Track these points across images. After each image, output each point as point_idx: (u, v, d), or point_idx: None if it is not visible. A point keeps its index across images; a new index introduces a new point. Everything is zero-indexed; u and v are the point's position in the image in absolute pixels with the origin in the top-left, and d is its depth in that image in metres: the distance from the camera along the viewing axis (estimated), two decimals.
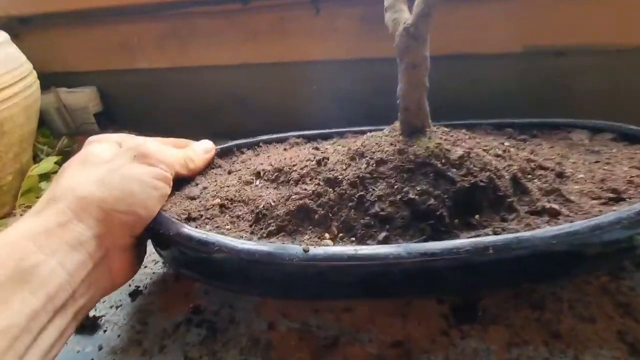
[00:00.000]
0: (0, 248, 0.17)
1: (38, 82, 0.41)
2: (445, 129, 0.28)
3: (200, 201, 0.27)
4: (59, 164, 0.45)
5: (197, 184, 0.29)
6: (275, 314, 0.26)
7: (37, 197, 0.39)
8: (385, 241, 0.22)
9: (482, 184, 0.23)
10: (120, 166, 0.23)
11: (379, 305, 0.27)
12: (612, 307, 0.25)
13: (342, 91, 0.51)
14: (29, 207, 0.39)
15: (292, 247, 0.21)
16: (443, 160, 0.23)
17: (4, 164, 0.36)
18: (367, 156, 0.25)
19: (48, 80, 0.62)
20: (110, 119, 0.62)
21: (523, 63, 0.45)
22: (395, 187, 0.23)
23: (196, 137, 0.59)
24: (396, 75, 0.26)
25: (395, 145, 0.25)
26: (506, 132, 0.34)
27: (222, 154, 0.34)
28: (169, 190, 0.25)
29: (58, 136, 0.54)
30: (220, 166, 0.32)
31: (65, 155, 0.49)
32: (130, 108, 0.63)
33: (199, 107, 0.60)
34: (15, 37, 0.59)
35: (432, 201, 0.22)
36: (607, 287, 0.27)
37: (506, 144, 0.31)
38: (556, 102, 0.45)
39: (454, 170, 0.23)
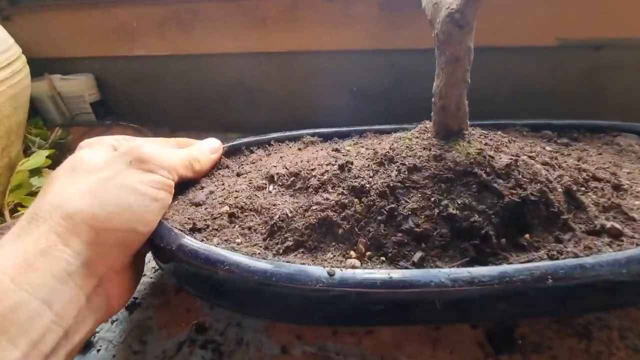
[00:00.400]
0: None
1: (28, 68, 0.38)
2: (483, 131, 0.25)
3: (207, 208, 0.24)
4: (52, 157, 0.42)
5: (202, 188, 0.26)
6: (289, 336, 0.24)
7: (27, 195, 0.36)
8: (421, 263, 0.19)
9: (533, 198, 0.20)
10: (115, 174, 0.20)
11: (405, 328, 0.24)
12: None
13: (357, 84, 0.47)
14: (19, 204, 0.36)
15: (314, 270, 0.18)
16: (487, 170, 0.20)
17: None
18: (397, 161, 0.22)
19: (41, 66, 0.58)
20: (108, 109, 0.59)
21: (556, 57, 0.42)
22: (432, 199, 0.20)
23: (199, 130, 0.56)
24: (418, 68, 0.22)
25: (430, 150, 0.22)
26: (544, 134, 0.31)
27: (230, 152, 0.30)
28: (170, 198, 0.22)
29: (52, 126, 0.51)
30: (227, 167, 0.29)
31: (59, 147, 0.46)
32: (129, 97, 0.59)
33: (202, 98, 0.56)
34: (6, 19, 0.56)
35: (476, 217, 0.19)
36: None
37: (548, 148, 0.28)
38: (592, 101, 0.42)
39: (501, 181, 0.20)
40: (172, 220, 0.22)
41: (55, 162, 0.44)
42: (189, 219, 0.22)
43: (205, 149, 0.27)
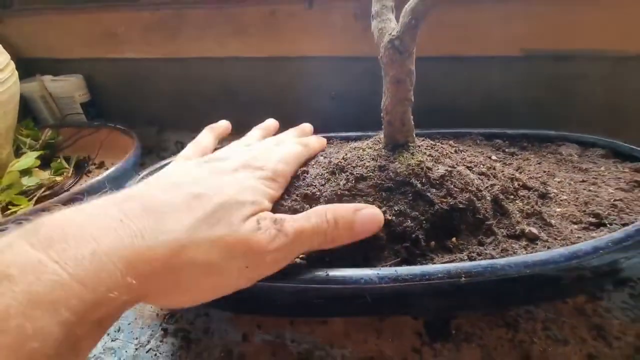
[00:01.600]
0: None
1: (17, 74, 0.40)
2: (431, 142, 0.27)
3: None
4: (42, 157, 0.45)
5: None
6: (251, 325, 0.26)
7: (18, 194, 0.39)
8: (359, 263, 0.22)
9: (461, 206, 0.22)
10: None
11: (355, 319, 0.27)
12: (586, 329, 0.25)
13: (336, 90, 0.50)
14: (10, 203, 0.38)
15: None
16: (423, 180, 0.23)
17: None
18: (347, 171, 0.24)
19: (32, 67, 0.60)
20: (98, 109, 0.61)
21: (522, 67, 0.44)
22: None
23: (186, 130, 0.59)
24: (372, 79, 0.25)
25: (377, 161, 0.24)
26: (496, 143, 0.34)
27: None
28: None
29: (43, 126, 0.53)
30: None
31: (49, 147, 0.48)
32: (118, 98, 0.61)
33: (189, 99, 0.58)
34: None
35: (408, 223, 0.22)
36: (583, 308, 0.27)
37: (493, 157, 0.30)
38: (556, 108, 0.44)
39: (434, 190, 0.23)
40: None
41: (45, 162, 0.46)
42: None
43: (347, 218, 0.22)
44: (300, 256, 0.22)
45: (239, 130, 0.38)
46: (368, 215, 0.21)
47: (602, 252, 0.20)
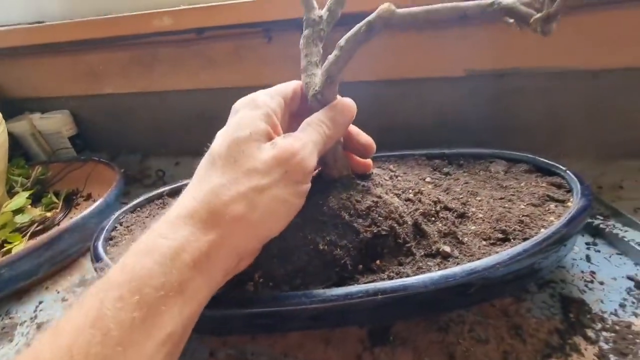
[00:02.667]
0: (165, 264, 0.19)
1: (4, 125, 0.43)
2: (366, 174, 0.31)
3: None
4: (33, 194, 0.49)
5: (146, 228, 0.32)
6: (217, 342, 0.30)
7: (12, 232, 0.43)
8: (300, 286, 0.25)
9: (383, 232, 0.26)
10: (271, 184, 0.22)
11: (309, 332, 0.30)
12: (506, 329, 0.29)
13: None
14: (5, 241, 0.42)
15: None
16: (351, 212, 0.27)
17: None
18: None
19: (21, 106, 0.65)
20: (85, 141, 0.65)
21: (467, 85, 0.48)
22: (309, 237, 0.26)
23: (168, 155, 0.62)
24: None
25: (315, 195, 0.28)
26: (435, 163, 0.37)
27: (173, 193, 0.37)
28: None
29: (33, 163, 0.57)
30: (170, 205, 0.35)
31: (40, 183, 0.52)
32: (103, 129, 0.65)
33: (167, 127, 0.62)
34: None
35: (337, 251, 0.26)
36: (507, 310, 0.30)
37: (427, 179, 0.34)
38: (500, 121, 0.48)
39: (360, 220, 0.26)
40: (117, 259, 0.29)
41: (36, 197, 0.50)
42: None
43: (335, 121, 0.26)
44: (250, 283, 0.26)
45: None
46: (342, 108, 0.26)
47: (498, 267, 0.24)
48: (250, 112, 0.24)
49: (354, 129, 0.29)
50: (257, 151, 0.22)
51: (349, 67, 0.25)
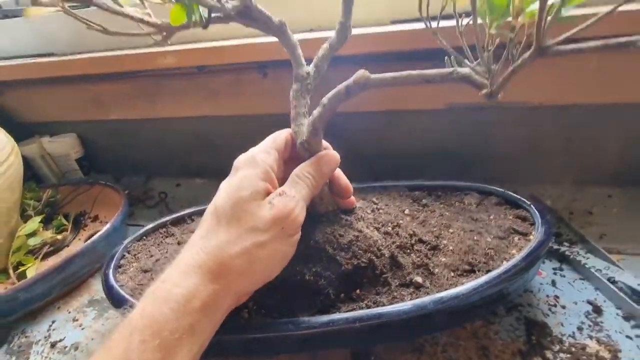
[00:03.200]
0: (178, 310, 0.22)
1: (20, 155, 0.47)
2: (350, 208, 0.34)
3: (152, 274, 0.33)
4: (45, 216, 0.52)
5: (151, 256, 0.36)
6: None
7: (25, 254, 0.46)
8: (288, 313, 0.29)
9: (363, 264, 0.29)
10: (270, 240, 0.25)
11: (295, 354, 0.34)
12: (475, 350, 0.32)
13: None
14: (20, 263, 0.46)
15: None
16: (335, 245, 0.30)
17: None
18: None
19: (31, 129, 0.68)
20: (92, 163, 0.69)
21: (448, 117, 0.51)
22: (297, 269, 0.30)
23: (170, 176, 0.66)
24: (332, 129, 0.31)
25: (304, 230, 0.32)
26: (415, 195, 0.41)
27: (175, 222, 0.40)
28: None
29: (44, 186, 0.60)
30: (173, 234, 0.39)
31: (50, 205, 0.56)
32: (109, 151, 0.69)
33: (169, 150, 0.66)
34: (0, 95, 0.65)
35: (322, 281, 0.29)
36: (477, 332, 0.34)
37: (406, 211, 0.38)
38: (479, 148, 0.52)
39: (342, 253, 0.30)
40: (126, 285, 0.32)
41: (47, 218, 0.54)
42: (137, 284, 0.32)
43: (321, 172, 0.29)
44: (245, 310, 0.29)
45: (212, 174, 0.45)
46: (327, 160, 0.29)
47: (462, 297, 0.27)
48: (251, 171, 0.27)
49: (336, 172, 0.32)
50: (258, 210, 0.25)
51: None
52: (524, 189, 0.51)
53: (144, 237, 0.39)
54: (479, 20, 0.24)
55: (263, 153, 0.29)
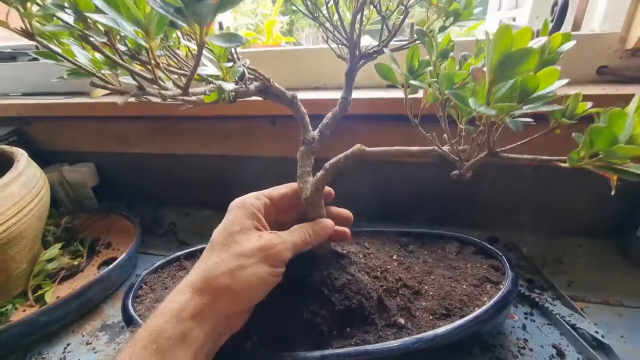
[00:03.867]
0: (171, 320, 0.27)
1: (48, 187, 0.52)
2: (347, 249, 0.39)
3: None
4: (63, 248, 0.56)
5: (166, 288, 0.40)
6: None
7: (44, 278, 0.50)
8: (287, 347, 0.33)
9: (354, 305, 0.34)
10: (252, 264, 0.29)
11: None
12: None
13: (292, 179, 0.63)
14: (39, 286, 0.49)
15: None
16: (330, 287, 0.35)
17: (21, 257, 0.46)
18: (285, 278, 0.36)
19: (52, 157, 0.74)
20: (106, 191, 0.74)
21: (435, 169, 0.57)
22: (296, 307, 0.34)
23: (179, 206, 0.70)
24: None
25: (304, 271, 0.36)
26: (402, 240, 0.46)
27: (188, 256, 0.45)
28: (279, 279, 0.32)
29: (63, 209, 0.65)
30: (185, 268, 0.43)
31: (68, 231, 0.60)
32: (123, 181, 0.74)
33: (180, 182, 0.71)
34: (27, 125, 0.71)
35: (317, 319, 0.33)
36: None
37: (394, 257, 0.42)
38: (464, 199, 0.58)
39: (336, 295, 0.34)
40: (143, 315, 0.36)
41: (66, 243, 0.58)
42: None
43: (316, 232, 0.34)
44: (249, 342, 0.34)
45: (220, 206, 0.49)
46: (324, 225, 0.34)
47: (437, 339, 0.32)
48: (241, 211, 0.33)
49: (336, 210, 0.38)
50: (245, 240, 0.31)
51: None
52: (505, 236, 0.57)
53: (159, 270, 0.44)
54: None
55: (253, 198, 0.35)
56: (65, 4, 0.19)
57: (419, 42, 0.32)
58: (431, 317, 0.35)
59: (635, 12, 0.45)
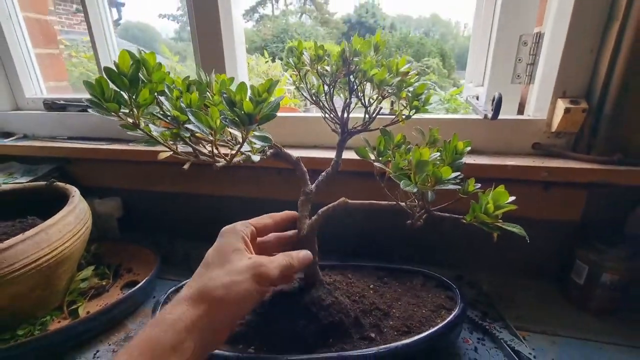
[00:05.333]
0: (167, 331, 0.30)
1: (91, 217, 0.63)
2: (335, 278, 0.50)
3: None
4: (95, 269, 0.66)
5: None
6: None
7: (78, 295, 0.59)
8: (282, 352, 0.42)
9: (336, 322, 0.44)
10: (243, 281, 0.34)
11: None
12: None
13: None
14: (72, 301, 0.59)
15: (229, 355, 0.41)
16: (318, 307, 0.45)
17: (65, 276, 0.56)
18: (281, 298, 0.46)
19: (85, 191, 0.85)
20: (129, 222, 0.84)
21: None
22: (291, 320, 0.44)
23: (193, 240, 0.81)
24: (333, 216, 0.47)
25: (296, 295, 0.47)
26: (380, 274, 0.56)
27: None
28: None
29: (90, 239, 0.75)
30: None
31: (95, 257, 0.70)
32: (144, 214, 0.85)
33: (195, 218, 0.82)
34: (68, 164, 0.84)
35: (306, 331, 0.43)
36: None
37: (371, 286, 0.53)
38: (436, 240, 0.69)
39: (322, 313, 0.44)
40: None
41: (95, 267, 0.67)
42: None
43: (298, 258, 0.40)
44: (252, 347, 0.43)
45: None
46: (302, 257, 0.41)
47: (397, 350, 0.41)
48: (232, 235, 0.39)
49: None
50: (237, 260, 0.36)
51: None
52: (470, 275, 0.68)
53: (181, 288, 0.53)
54: None
55: (242, 225, 0.42)
56: (168, 116, 0.32)
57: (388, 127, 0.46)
58: (396, 333, 0.45)
59: (555, 104, 0.60)
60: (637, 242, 0.55)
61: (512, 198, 0.31)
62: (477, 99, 0.79)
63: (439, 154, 0.31)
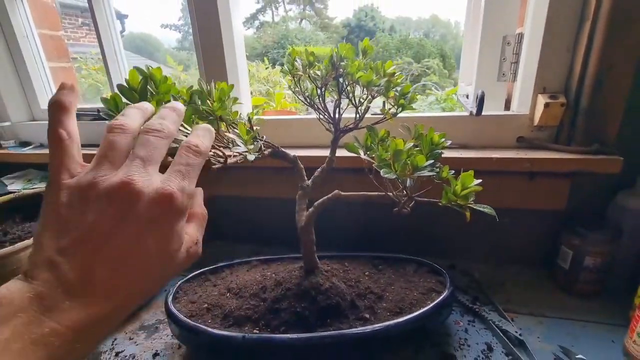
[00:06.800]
0: None
1: None
2: (333, 266, 0.54)
3: (197, 304, 0.52)
4: None
5: (195, 293, 0.54)
6: None
7: None
8: (284, 332, 0.46)
9: (333, 304, 0.48)
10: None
11: None
12: None
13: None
14: None
15: (237, 335, 0.45)
16: (316, 290, 0.49)
17: None
18: (283, 284, 0.51)
19: None
20: None
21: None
22: (291, 303, 0.48)
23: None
24: (334, 211, 0.51)
25: (297, 279, 0.51)
26: (375, 262, 0.60)
27: (212, 271, 0.59)
28: None
29: None
30: (209, 279, 0.57)
31: None
32: None
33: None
34: None
35: (306, 312, 0.47)
36: (408, 357, 0.50)
37: (367, 273, 0.57)
38: (431, 232, 0.73)
39: (321, 296, 0.48)
40: (181, 311, 0.50)
41: None
42: (189, 310, 0.50)
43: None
44: (256, 329, 0.47)
45: (229, 237, 0.64)
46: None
47: (389, 329, 0.45)
48: None
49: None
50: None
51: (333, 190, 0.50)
52: (461, 264, 0.71)
53: (190, 280, 0.58)
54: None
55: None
56: None
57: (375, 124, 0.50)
58: (388, 314, 0.48)
59: (536, 99, 0.64)
60: (618, 227, 0.59)
61: (478, 181, 0.35)
62: (467, 97, 0.83)
63: (413, 144, 0.35)
